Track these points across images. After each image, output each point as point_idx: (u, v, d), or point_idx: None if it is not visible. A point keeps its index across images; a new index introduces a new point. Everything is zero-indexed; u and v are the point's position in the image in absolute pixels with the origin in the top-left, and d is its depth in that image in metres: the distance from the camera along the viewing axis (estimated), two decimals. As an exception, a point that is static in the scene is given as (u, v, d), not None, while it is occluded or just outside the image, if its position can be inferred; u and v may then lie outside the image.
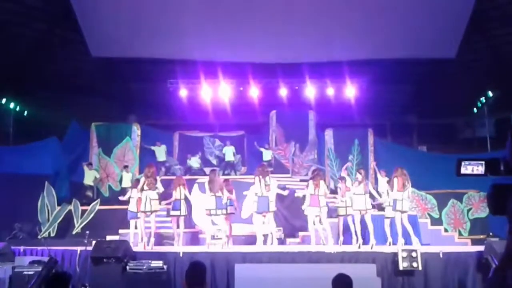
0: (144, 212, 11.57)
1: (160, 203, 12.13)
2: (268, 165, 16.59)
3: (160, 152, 18.00)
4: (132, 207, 12.11)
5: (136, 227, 12.14)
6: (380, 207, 12.79)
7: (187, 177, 16.65)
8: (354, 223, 11.80)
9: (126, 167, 16.69)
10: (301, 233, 13.53)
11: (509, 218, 1.49)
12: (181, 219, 12.05)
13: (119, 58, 17.69)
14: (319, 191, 11.32)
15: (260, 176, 11.45)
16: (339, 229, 12.10)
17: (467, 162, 2.32)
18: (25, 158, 15.92)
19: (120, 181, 16.70)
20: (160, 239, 13.17)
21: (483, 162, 2.27)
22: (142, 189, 11.62)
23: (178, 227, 12.06)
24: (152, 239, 11.44)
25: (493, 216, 1.90)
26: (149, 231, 11.71)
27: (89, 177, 16.40)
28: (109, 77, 19.01)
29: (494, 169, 2.19)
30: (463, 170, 2.33)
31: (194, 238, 13.91)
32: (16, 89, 17.46)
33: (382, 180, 13.31)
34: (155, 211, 11.72)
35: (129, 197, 12.39)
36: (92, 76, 18.61)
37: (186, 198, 12.15)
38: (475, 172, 2.29)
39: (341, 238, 11.88)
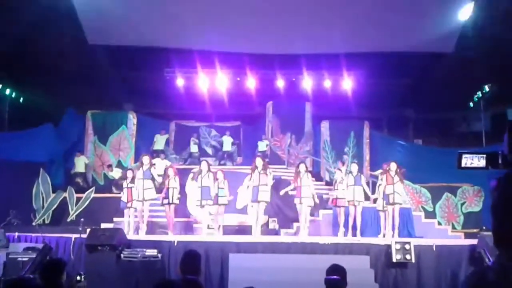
0: (139, 200, 11.63)
1: (156, 192, 12.22)
2: (263, 155, 16.67)
3: (161, 140, 18.03)
4: (124, 197, 12.17)
5: (129, 216, 12.20)
6: (375, 200, 12.88)
7: (183, 166, 16.70)
8: (348, 215, 11.92)
9: (109, 166, 16.74)
10: (295, 224, 13.57)
11: (492, 216, 1.49)
12: (172, 208, 12.11)
13: (116, 46, 17.59)
14: (301, 182, 11.54)
15: (257, 167, 11.55)
16: (339, 220, 12.21)
17: (468, 155, 2.32)
18: (20, 144, 15.89)
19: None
20: (154, 227, 13.20)
21: (485, 155, 2.26)
22: (133, 179, 11.73)
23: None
24: (144, 227, 11.55)
25: None
26: (142, 219, 11.84)
27: (79, 164, 16.45)
28: (105, 65, 18.92)
29: (495, 162, 2.18)
30: (464, 163, 2.32)
31: (188, 227, 13.94)
32: (12, 75, 17.36)
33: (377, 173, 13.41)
34: (149, 199, 11.79)
35: (124, 187, 12.43)
36: (89, 63, 18.49)
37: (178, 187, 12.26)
38: (476, 165, 2.28)
39: (342, 229, 12.01)
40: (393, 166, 11.87)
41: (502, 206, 1.43)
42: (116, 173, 16.27)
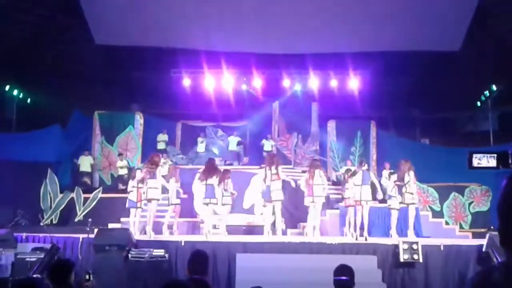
0: (146, 200, 11.64)
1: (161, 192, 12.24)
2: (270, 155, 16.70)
3: (161, 141, 18.09)
4: (132, 196, 12.13)
5: (136, 216, 12.21)
6: (383, 199, 12.79)
7: (189, 166, 16.71)
8: (355, 215, 11.86)
9: (120, 155, 16.77)
10: (302, 224, 13.56)
11: (498, 215, 1.49)
12: (177, 208, 12.15)
13: (123, 46, 17.65)
14: (314, 180, 11.39)
15: (267, 166, 11.56)
16: (348, 220, 12.17)
17: (479, 155, 2.30)
18: (28, 145, 15.96)
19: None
20: (161, 228, 13.21)
21: (495, 155, 2.24)
22: (143, 179, 11.73)
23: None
24: (150, 227, 11.57)
25: None
26: (146, 220, 11.84)
27: (84, 164, 16.48)
28: (112, 65, 18.98)
29: (505, 161, 2.17)
30: (475, 163, 2.31)
31: (195, 227, 13.95)
32: (20, 76, 17.44)
33: (385, 172, 13.32)
34: (155, 199, 11.75)
35: (132, 186, 12.40)
36: (96, 64, 18.57)
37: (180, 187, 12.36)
38: (487, 164, 2.26)
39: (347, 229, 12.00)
40: (405, 165, 11.80)
41: (507, 206, 1.43)
42: (122, 170, 16.32)
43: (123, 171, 16.26)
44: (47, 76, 17.37)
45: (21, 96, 18.64)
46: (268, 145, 17.98)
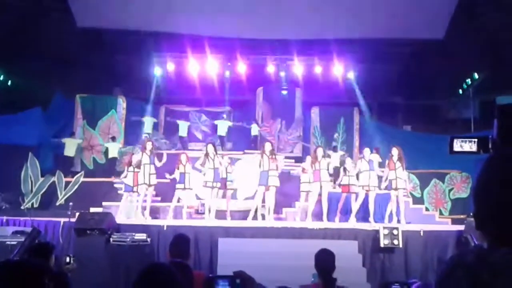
0: (149, 185, 11.88)
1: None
2: (253, 140, 16.81)
3: (149, 123, 17.95)
4: (128, 180, 12.21)
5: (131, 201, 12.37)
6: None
7: (174, 152, 16.65)
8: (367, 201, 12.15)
9: (113, 138, 16.63)
10: (285, 209, 13.63)
11: (473, 199, 1.51)
12: (186, 192, 12.30)
13: (105, 29, 17.41)
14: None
15: (266, 151, 11.72)
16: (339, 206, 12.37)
17: (460, 140, 2.33)
18: (8, 128, 15.75)
19: (105, 153, 16.60)
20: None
21: (476, 139, 2.27)
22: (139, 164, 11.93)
23: (178, 200, 12.37)
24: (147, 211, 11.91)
25: None
26: (145, 204, 12.08)
27: (71, 147, 16.28)
28: (95, 48, 18.71)
29: (486, 147, 2.20)
30: (456, 148, 2.34)
31: (178, 212, 13.93)
32: (0, 58, 17.15)
33: (375, 157, 13.51)
34: (153, 185, 11.92)
35: (127, 172, 12.45)
36: (78, 46, 18.29)
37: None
38: (468, 149, 2.29)
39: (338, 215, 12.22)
40: (394, 151, 12.05)
41: (481, 190, 1.45)
42: (113, 152, 16.20)
43: (114, 154, 16.13)
44: (29, 59, 17.07)
45: (1, 78, 18.34)
46: (255, 130, 17.94)
